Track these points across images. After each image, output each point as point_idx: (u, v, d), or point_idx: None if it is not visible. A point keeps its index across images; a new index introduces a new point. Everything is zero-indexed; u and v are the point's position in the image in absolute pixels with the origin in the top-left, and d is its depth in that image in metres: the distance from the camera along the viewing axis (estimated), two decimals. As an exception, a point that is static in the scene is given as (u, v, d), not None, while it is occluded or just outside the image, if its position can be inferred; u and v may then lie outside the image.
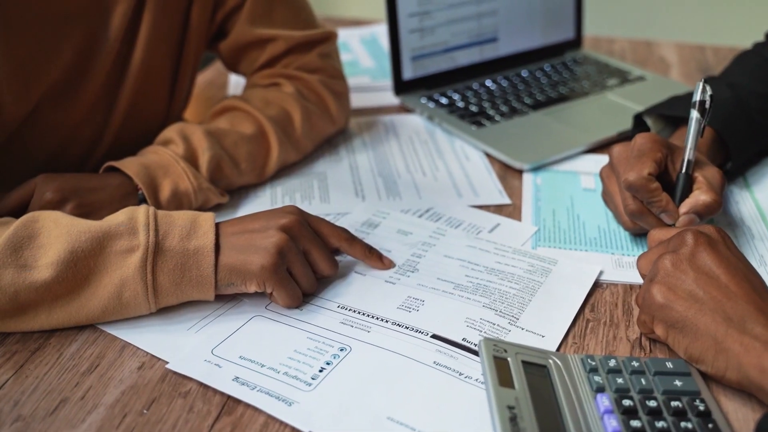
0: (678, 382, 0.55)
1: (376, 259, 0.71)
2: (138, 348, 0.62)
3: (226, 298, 0.67)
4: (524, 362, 0.56)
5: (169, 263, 0.62)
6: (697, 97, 0.72)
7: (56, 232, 0.62)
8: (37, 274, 0.60)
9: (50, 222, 0.63)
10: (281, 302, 0.65)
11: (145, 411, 0.56)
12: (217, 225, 0.66)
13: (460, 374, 0.58)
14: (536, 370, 0.56)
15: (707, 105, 0.71)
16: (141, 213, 0.64)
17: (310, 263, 0.67)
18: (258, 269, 0.63)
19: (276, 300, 0.65)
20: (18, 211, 0.73)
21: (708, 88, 0.72)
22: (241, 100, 0.88)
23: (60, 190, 0.73)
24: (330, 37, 0.97)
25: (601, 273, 0.71)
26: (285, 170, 0.90)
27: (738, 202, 0.83)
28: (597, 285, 0.70)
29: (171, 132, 0.82)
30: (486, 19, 1.12)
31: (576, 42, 1.23)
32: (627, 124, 0.93)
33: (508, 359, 0.55)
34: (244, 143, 0.84)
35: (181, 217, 0.65)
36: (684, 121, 0.78)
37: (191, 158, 0.80)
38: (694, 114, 0.71)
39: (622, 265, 0.72)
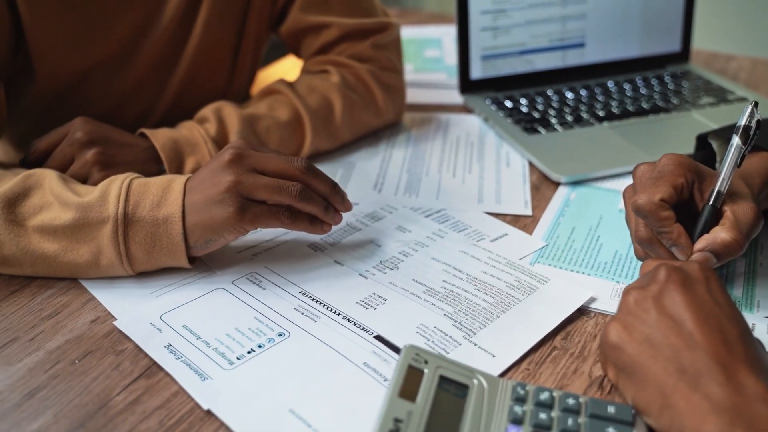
0: (611, 430, 0.49)
1: (339, 200, 0.68)
2: (100, 303, 0.64)
3: (201, 268, 0.68)
4: (443, 377, 0.51)
5: (140, 233, 0.64)
6: (742, 121, 0.62)
7: (47, 199, 0.65)
8: (24, 234, 0.64)
9: (45, 183, 0.66)
10: (291, 227, 0.65)
11: (76, 361, 0.58)
12: (185, 186, 0.65)
13: (385, 380, 0.55)
14: (454, 388, 0.51)
15: (752, 131, 0.62)
16: (115, 184, 0.65)
17: (272, 176, 0.65)
18: (224, 221, 0.63)
19: (288, 227, 0.65)
20: (52, 149, 0.77)
21: (756, 112, 0.62)
22: (285, 84, 0.89)
23: (90, 133, 0.75)
24: (387, 28, 0.95)
25: (593, 300, 0.64)
26: (317, 157, 0.90)
27: (800, 246, 0.71)
28: (584, 312, 0.63)
29: (208, 111, 0.84)
30: (572, 23, 1.05)
31: (682, 55, 1.12)
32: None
33: (425, 371, 0.51)
34: (277, 129, 0.85)
35: (156, 183, 0.66)
36: (757, 148, 0.68)
37: (222, 140, 0.82)
38: (735, 140, 0.62)
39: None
